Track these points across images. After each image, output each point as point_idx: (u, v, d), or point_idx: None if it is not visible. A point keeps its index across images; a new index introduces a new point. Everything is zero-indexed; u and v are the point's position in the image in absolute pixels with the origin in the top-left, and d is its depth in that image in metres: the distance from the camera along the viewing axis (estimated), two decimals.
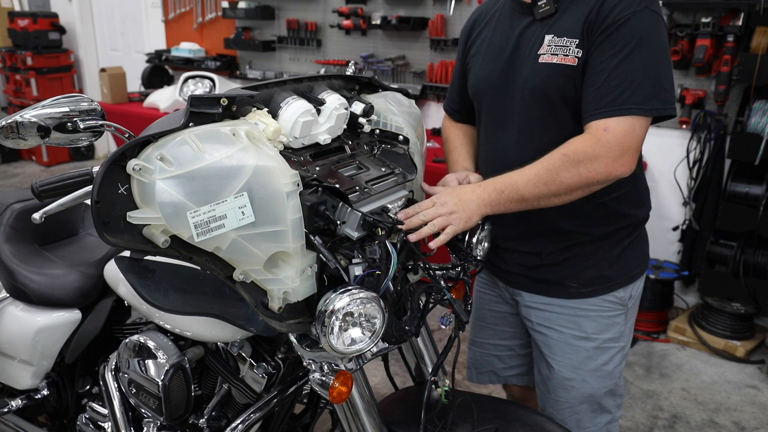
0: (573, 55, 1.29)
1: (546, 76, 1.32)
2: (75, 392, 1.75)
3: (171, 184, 0.91)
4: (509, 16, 1.44)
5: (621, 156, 1.23)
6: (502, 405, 1.43)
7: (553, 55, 1.31)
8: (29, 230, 1.81)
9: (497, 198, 1.25)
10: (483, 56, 1.48)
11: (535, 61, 1.34)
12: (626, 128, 1.23)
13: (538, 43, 1.34)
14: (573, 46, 1.29)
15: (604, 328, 1.45)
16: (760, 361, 3.00)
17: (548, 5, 1.34)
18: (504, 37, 1.43)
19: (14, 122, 1.01)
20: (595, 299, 1.44)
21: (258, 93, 1.10)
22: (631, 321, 1.51)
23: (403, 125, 1.29)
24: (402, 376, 1.52)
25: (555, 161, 1.24)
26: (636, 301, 1.52)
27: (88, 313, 1.66)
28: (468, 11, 3.76)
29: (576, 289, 1.44)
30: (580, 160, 1.23)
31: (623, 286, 1.46)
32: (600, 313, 1.45)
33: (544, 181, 1.24)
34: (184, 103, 1.00)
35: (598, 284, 1.44)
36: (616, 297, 1.45)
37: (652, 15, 1.25)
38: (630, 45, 1.23)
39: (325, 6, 4.39)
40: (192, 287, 1.19)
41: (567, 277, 1.45)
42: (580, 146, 1.24)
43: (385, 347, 1.19)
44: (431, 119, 4.13)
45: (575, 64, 1.29)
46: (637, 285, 1.50)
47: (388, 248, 1.08)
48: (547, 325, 1.48)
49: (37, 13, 5.94)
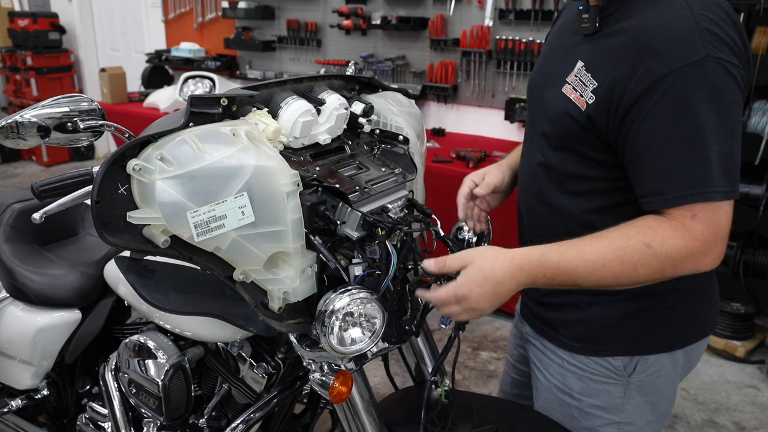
0: (585, 99, 1.07)
1: (560, 111, 1.13)
2: (75, 392, 1.75)
3: (171, 184, 0.91)
4: (572, 20, 1.21)
5: (713, 249, 1.00)
6: (502, 405, 1.43)
7: (574, 90, 1.10)
8: (29, 230, 1.81)
9: (546, 284, 1.04)
10: (540, 57, 1.31)
11: (560, 87, 1.14)
12: (719, 215, 0.99)
13: (571, 66, 1.13)
14: (590, 89, 1.07)
15: (592, 392, 1.24)
16: (760, 361, 3.00)
17: (589, 21, 1.10)
18: (556, 43, 1.26)
19: (14, 122, 1.01)
20: (583, 357, 1.24)
21: (258, 93, 1.10)
22: (639, 402, 1.23)
23: (403, 125, 1.29)
24: (402, 376, 1.51)
25: (634, 252, 1.00)
26: (651, 381, 1.22)
27: (88, 313, 1.66)
28: (468, 11, 3.76)
29: (566, 339, 1.26)
30: (669, 257, 0.99)
31: (623, 355, 1.21)
32: (588, 375, 1.24)
33: (615, 273, 1.01)
34: (184, 103, 1.00)
35: (588, 343, 1.23)
36: (611, 364, 1.22)
37: (716, 65, 0.97)
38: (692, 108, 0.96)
39: (325, 6, 4.39)
40: (192, 287, 1.19)
41: (559, 324, 1.27)
42: (670, 239, 0.99)
43: (385, 347, 1.19)
44: (431, 119, 4.14)
45: (582, 109, 1.08)
46: (650, 362, 1.21)
47: (388, 248, 1.08)
48: (537, 365, 1.34)
49: (37, 13, 5.95)
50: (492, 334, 3.21)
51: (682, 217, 1.00)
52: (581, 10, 1.11)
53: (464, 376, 2.83)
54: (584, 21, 1.11)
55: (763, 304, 3.04)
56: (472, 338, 3.15)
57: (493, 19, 3.68)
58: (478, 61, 3.79)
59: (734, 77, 0.99)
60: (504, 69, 3.71)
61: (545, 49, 1.31)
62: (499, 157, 3.29)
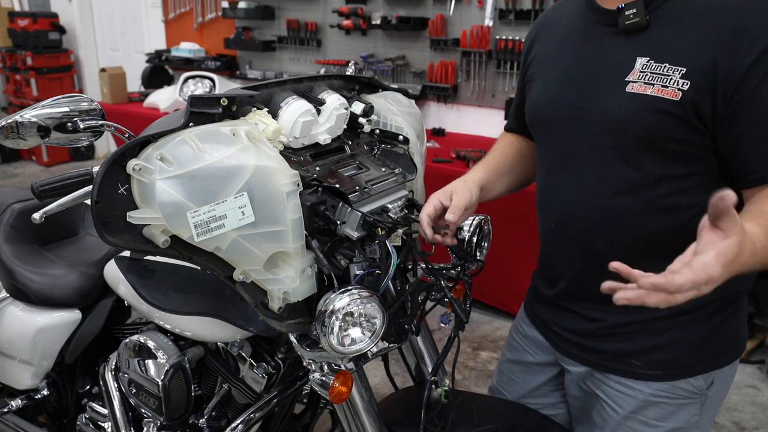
0: (675, 87, 1.01)
1: (634, 111, 1.04)
2: (75, 392, 1.75)
3: (171, 184, 0.91)
4: (583, 26, 1.16)
5: None
6: (502, 405, 1.43)
7: (647, 85, 1.03)
8: (29, 230, 1.81)
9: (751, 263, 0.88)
10: (545, 75, 1.22)
11: (621, 88, 1.06)
12: None
13: (626, 66, 1.07)
14: (677, 76, 1.01)
15: (669, 414, 1.18)
16: (760, 361, 2.99)
17: (637, 16, 1.06)
18: (574, 53, 1.17)
19: (14, 122, 1.01)
20: (663, 384, 1.16)
21: (258, 93, 1.10)
22: (710, 412, 1.21)
23: (403, 125, 1.29)
24: (402, 376, 1.51)
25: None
26: (721, 390, 1.20)
27: (88, 313, 1.66)
28: (468, 11, 3.76)
29: (641, 369, 1.17)
30: None
31: (703, 373, 1.16)
32: (667, 400, 1.17)
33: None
34: (184, 103, 1.00)
35: (669, 368, 1.16)
36: (692, 385, 1.16)
37: None
38: None
39: (325, 6, 4.39)
40: (192, 287, 1.19)
41: (631, 354, 1.17)
42: None
43: (385, 347, 1.19)
44: (431, 119, 4.14)
45: (677, 99, 1.00)
46: (725, 372, 1.18)
47: (388, 248, 1.08)
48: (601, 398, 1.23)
49: (37, 13, 5.94)
50: (492, 334, 3.21)
51: None
52: (622, 8, 1.07)
53: (464, 376, 2.83)
54: (629, 18, 1.06)
55: (763, 304, 3.04)
56: (472, 338, 3.15)
57: (493, 19, 3.68)
58: (478, 61, 3.79)
59: None
60: (504, 69, 3.71)
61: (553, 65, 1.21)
62: None
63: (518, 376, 1.44)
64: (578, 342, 1.23)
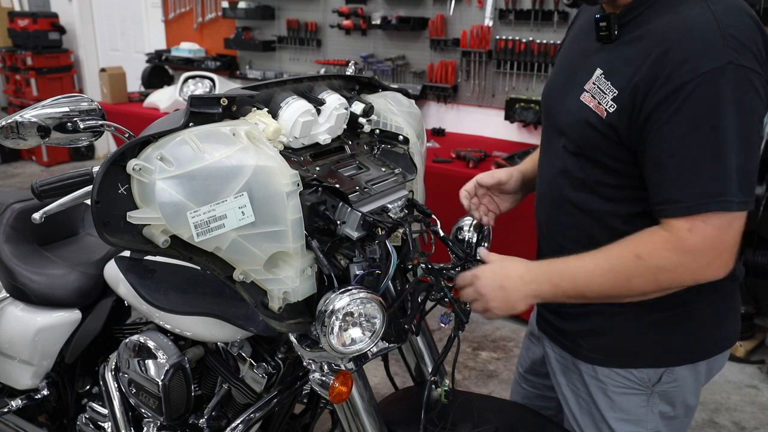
0: (605, 107, 1.06)
1: (577, 119, 1.12)
2: (75, 392, 1.75)
3: (171, 184, 0.91)
4: (586, 29, 1.20)
5: (714, 260, 0.99)
6: (502, 405, 1.43)
7: (592, 98, 1.09)
8: (29, 230, 1.81)
9: (551, 292, 1.09)
10: (555, 66, 1.30)
11: (578, 95, 1.13)
12: (719, 227, 0.97)
13: (589, 74, 1.12)
14: (609, 96, 1.05)
15: (615, 405, 1.23)
16: (760, 361, 3.00)
17: (607, 29, 1.09)
18: (572, 51, 1.24)
19: (14, 122, 1.01)
20: (605, 369, 1.22)
21: (258, 93, 1.10)
22: (659, 406, 1.21)
23: (403, 125, 1.29)
24: (402, 376, 1.51)
25: (626, 264, 1.03)
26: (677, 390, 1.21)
27: (88, 313, 1.66)
28: (468, 11, 3.76)
29: (587, 351, 1.24)
30: (659, 268, 1.01)
31: (646, 366, 1.19)
32: (610, 386, 1.22)
33: (611, 283, 1.05)
34: (184, 103, 1.00)
35: (612, 354, 1.21)
36: (634, 375, 1.20)
37: (738, 72, 0.94)
38: (713, 116, 0.95)
39: (325, 6, 4.39)
40: (192, 287, 1.19)
41: (580, 335, 1.24)
42: (659, 251, 1.00)
43: (385, 347, 1.19)
44: (431, 119, 4.14)
45: (603, 117, 1.06)
46: (675, 373, 1.19)
47: (388, 248, 1.08)
48: (559, 376, 1.32)
49: (37, 13, 5.94)
50: (492, 334, 3.21)
51: (677, 231, 0.99)
52: (598, 19, 1.09)
53: (464, 376, 2.83)
54: (602, 29, 1.09)
55: (763, 304, 3.04)
56: (472, 338, 3.15)
57: (493, 19, 3.68)
58: (478, 61, 3.79)
59: (755, 86, 0.97)
60: (504, 69, 3.71)
61: (561, 56, 1.29)
62: (498, 157, 3.28)
63: (527, 347, 1.53)
64: (548, 318, 1.33)
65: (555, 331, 1.31)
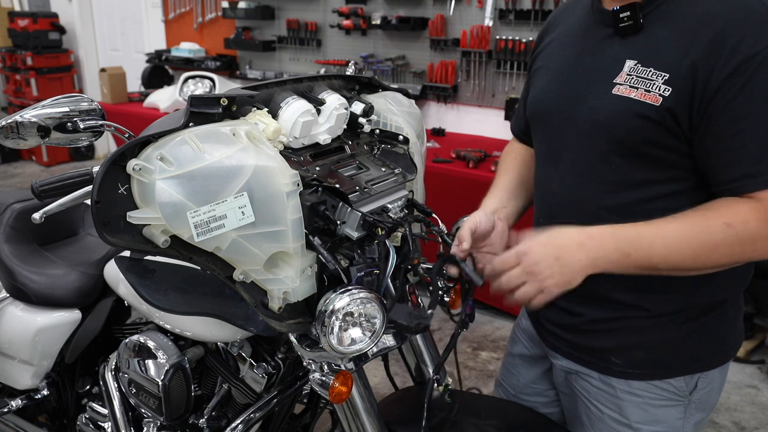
0: (657, 93, 1.01)
1: (616, 113, 1.05)
2: (75, 392, 1.75)
3: (171, 184, 0.91)
4: (586, 25, 1.17)
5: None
6: (502, 405, 1.43)
7: (632, 88, 1.04)
8: (29, 230, 1.81)
9: (617, 262, 0.99)
10: (547, 70, 1.24)
11: (608, 90, 1.07)
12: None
13: (616, 67, 1.07)
14: (660, 81, 1.01)
15: (652, 418, 1.18)
16: (760, 361, 3.00)
17: (631, 18, 1.06)
18: (574, 51, 1.18)
19: (14, 122, 1.01)
20: (643, 383, 1.17)
21: (258, 93, 1.10)
22: (695, 417, 1.20)
23: (403, 125, 1.29)
24: (402, 376, 1.51)
25: (715, 232, 0.97)
26: (709, 395, 1.20)
27: (88, 313, 1.66)
28: (468, 11, 3.76)
29: (620, 367, 1.17)
30: (751, 239, 0.96)
31: (684, 374, 1.16)
32: (648, 400, 1.17)
33: (694, 252, 0.98)
34: (184, 103, 1.00)
35: (648, 368, 1.17)
36: (672, 386, 1.16)
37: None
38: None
39: (325, 6, 4.39)
40: (192, 287, 1.19)
41: (611, 351, 1.18)
42: (752, 220, 0.96)
43: (385, 347, 1.19)
44: (431, 119, 4.14)
45: (657, 105, 1.00)
46: (710, 376, 1.18)
47: (388, 248, 1.08)
48: (584, 396, 1.24)
49: (37, 13, 5.95)
50: (492, 334, 3.21)
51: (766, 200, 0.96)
52: (618, 10, 1.07)
53: (464, 376, 2.83)
54: (623, 20, 1.07)
55: (763, 304, 3.04)
56: (472, 338, 3.15)
57: (493, 19, 3.68)
58: (478, 61, 3.79)
59: None
60: (504, 69, 3.71)
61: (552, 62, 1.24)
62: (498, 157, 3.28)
63: (516, 369, 1.46)
64: (562, 336, 1.24)
65: (573, 349, 1.23)
